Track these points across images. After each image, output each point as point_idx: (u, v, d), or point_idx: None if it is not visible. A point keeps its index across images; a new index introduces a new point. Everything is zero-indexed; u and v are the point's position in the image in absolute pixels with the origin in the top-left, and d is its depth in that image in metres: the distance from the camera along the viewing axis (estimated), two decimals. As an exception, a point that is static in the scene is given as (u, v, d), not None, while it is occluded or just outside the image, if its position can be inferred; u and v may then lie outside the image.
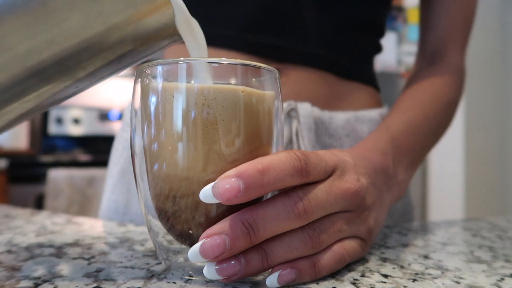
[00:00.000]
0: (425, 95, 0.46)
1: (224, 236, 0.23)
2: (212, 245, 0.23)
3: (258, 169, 0.24)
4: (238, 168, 0.24)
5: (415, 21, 2.17)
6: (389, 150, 0.36)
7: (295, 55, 0.45)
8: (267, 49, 0.44)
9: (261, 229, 0.24)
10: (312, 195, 0.26)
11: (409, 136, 0.40)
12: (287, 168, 0.25)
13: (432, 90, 0.47)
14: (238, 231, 0.24)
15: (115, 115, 2.47)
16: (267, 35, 0.45)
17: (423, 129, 0.42)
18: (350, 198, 0.28)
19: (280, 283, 0.25)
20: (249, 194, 0.23)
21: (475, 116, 1.88)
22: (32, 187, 2.01)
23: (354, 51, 0.49)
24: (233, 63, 0.25)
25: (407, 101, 0.45)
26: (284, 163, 0.25)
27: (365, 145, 0.36)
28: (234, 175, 0.23)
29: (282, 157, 0.25)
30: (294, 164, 0.25)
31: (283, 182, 0.25)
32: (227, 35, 0.45)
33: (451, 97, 0.49)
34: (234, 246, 0.24)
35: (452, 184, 1.93)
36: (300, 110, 0.44)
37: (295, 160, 0.25)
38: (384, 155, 0.35)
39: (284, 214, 0.25)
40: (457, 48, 0.53)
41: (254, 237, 0.24)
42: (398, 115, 0.42)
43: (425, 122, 0.43)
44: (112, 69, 0.27)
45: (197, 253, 0.23)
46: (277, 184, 0.24)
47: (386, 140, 0.37)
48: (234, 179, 0.23)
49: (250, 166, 0.24)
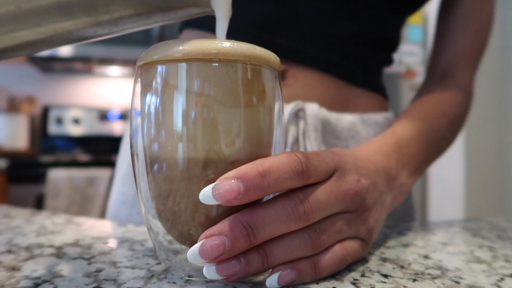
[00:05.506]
0: (432, 109, 0.47)
1: (224, 237, 0.23)
2: (212, 246, 0.23)
3: (259, 171, 0.24)
4: (238, 169, 0.24)
5: (415, 21, 2.17)
6: (393, 153, 0.36)
7: (305, 57, 0.46)
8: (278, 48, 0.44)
9: (261, 231, 0.24)
10: (313, 197, 0.25)
11: (414, 144, 0.40)
12: (288, 171, 0.24)
13: (440, 105, 0.48)
14: (238, 232, 0.24)
15: (115, 115, 2.47)
16: (281, 35, 0.46)
17: (429, 140, 0.42)
18: (351, 199, 0.27)
19: (280, 283, 0.25)
20: (249, 196, 0.23)
21: (475, 116, 1.88)
22: (32, 187, 2.01)
23: (366, 62, 0.50)
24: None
25: (415, 112, 0.46)
26: (285, 166, 0.24)
27: (370, 146, 0.36)
28: (235, 177, 0.23)
29: (283, 159, 0.25)
30: (295, 166, 0.25)
31: (283, 185, 0.25)
32: (241, 30, 0.46)
33: (458, 114, 0.49)
34: (233, 247, 0.23)
35: (452, 184, 1.93)
36: (308, 111, 0.44)
37: (296, 162, 0.25)
38: (387, 156, 0.35)
39: (284, 216, 0.24)
40: (468, 70, 0.53)
41: (254, 239, 0.24)
42: (404, 123, 0.43)
43: (431, 133, 0.43)
44: (136, 23, 0.26)
45: (197, 254, 0.23)
46: (277, 187, 0.24)
47: (391, 143, 0.37)
48: (234, 180, 0.23)
49: (251, 168, 0.24)
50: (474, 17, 0.53)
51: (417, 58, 2.18)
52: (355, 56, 0.48)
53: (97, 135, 2.45)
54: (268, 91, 0.27)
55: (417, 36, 2.19)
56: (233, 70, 0.25)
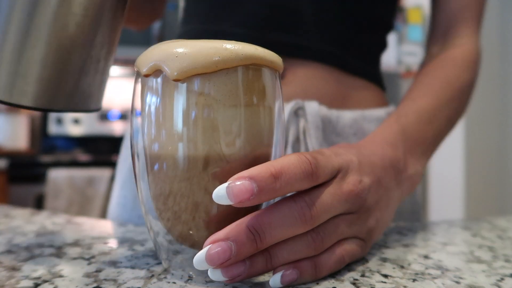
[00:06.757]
0: (436, 80, 0.45)
1: (230, 242, 0.23)
2: (218, 252, 0.23)
3: (272, 172, 0.23)
4: (251, 170, 0.23)
5: (415, 21, 2.17)
6: (399, 142, 0.35)
7: (302, 51, 0.45)
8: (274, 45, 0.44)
9: (267, 235, 0.24)
10: (319, 200, 0.25)
11: (420, 126, 0.39)
12: (298, 172, 0.24)
13: (444, 75, 0.46)
14: (244, 237, 0.23)
15: (115, 115, 2.47)
16: (275, 32, 0.45)
17: (436, 117, 0.41)
18: (352, 200, 0.27)
19: (283, 283, 0.25)
20: (261, 198, 0.23)
21: (475, 116, 1.88)
22: (32, 187, 2.01)
23: (361, 48, 0.49)
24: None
25: (418, 88, 0.44)
26: (296, 167, 0.24)
27: (374, 139, 0.35)
28: (248, 177, 0.23)
29: (294, 160, 0.25)
30: (305, 168, 0.25)
31: (294, 187, 0.24)
32: (236, 33, 0.46)
33: (465, 80, 0.46)
34: (240, 252, 0.23)
35: (452, 184, 1.93)
36: (308, 109, 0.44)
37: (306, 163, 0.25)
38: (394, 148, 0.34)
39: (291, 220, 0.24)
40: (470, 28, 0.50)
41: (261, 244, 0.24)
42: (408, 103, 0.41)
43: (438, 109, 0.41)
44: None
45: (203, 260, 0.23)
46: (288, 188, 0.24)
47: (396, 132, 0.36)
48: (248, 181, 0.23)
49: (263, 170, 0.23)
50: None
51: (417, 58, 2.18)
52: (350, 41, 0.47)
53: (97, 135, 2.45)
54: (268, 91, 0.27)
55: (417, 36, 2.19)
56: (233, 70, 0.25)
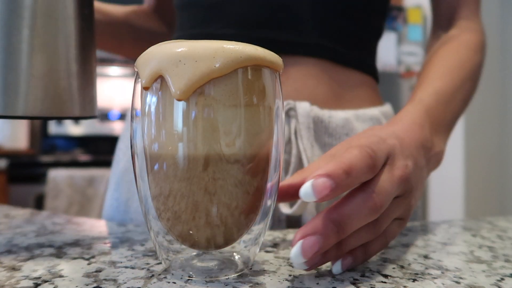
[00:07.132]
0: (449, 62, 0.47)
1: (318, 235, 0.25)
2: (310, 245, 0.25)
3: (344, 169, 0.25)
4: (326, 168, 0.25)
5: (415, 21, 2.17)
6: (426, 123, 0.37)
7: (293, 47, 0.46)
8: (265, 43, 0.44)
9: (347, 227, 0.26)
10: (382, 189, 0.27)
11: (441, 107, 0.41)
12: (364, 166, 0.26)
13: (458, 57, 0.47)
14: (329, 230, 0.25)
15: (115, 115, 2.47)
16: (265, 29, 0.46)
17: (453, 98, 0.43)
18: (403, 184, 0.29)
19: (343, 268, 0.28)
20: (336, 193, 0.25)
21: (475, 116, 1.88)
22: (32, 187, 2.01)
23: (352, 35, 0.49)
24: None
25: (433, 70, 0.46)
26: (361, 161, 0.26)
27: (403, 120, 0.36)
28: (325, 175, 0.24)
29: (358, 154, 0.26)
30: (368, 161, 0.26)
31: (360, 180, 0.26)
32: (227, 34, 0.46)
33: (475, 61, 0.48)
34: (326, 244, 0.25)
35: (452, 184, 1.93)
36: (299, 109, 0.44)
37: (368, 157, 0.26)
38: (422, 128, 0.36)
39: (365, 211, 0.26)
40: (471, 9, 0.53)
41: (343, 235, 0.26)
42: (426, 86, 0.43)
43: (454, 90, 0.43)
44: None
45: (299, 254, 0.24)
46: (356, 182, 0.26)
47: (421, 113, 0.38)
48: (327, 178, 0.24)
49: (336, 166, 0.25)
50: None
51: (417, 58, 2.18)
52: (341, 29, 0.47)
53: (97, 135, 2.45)
54: (268, 91, 0.27)
55: (417, 36, 2.19)
56: (234, 71, 0.25)
